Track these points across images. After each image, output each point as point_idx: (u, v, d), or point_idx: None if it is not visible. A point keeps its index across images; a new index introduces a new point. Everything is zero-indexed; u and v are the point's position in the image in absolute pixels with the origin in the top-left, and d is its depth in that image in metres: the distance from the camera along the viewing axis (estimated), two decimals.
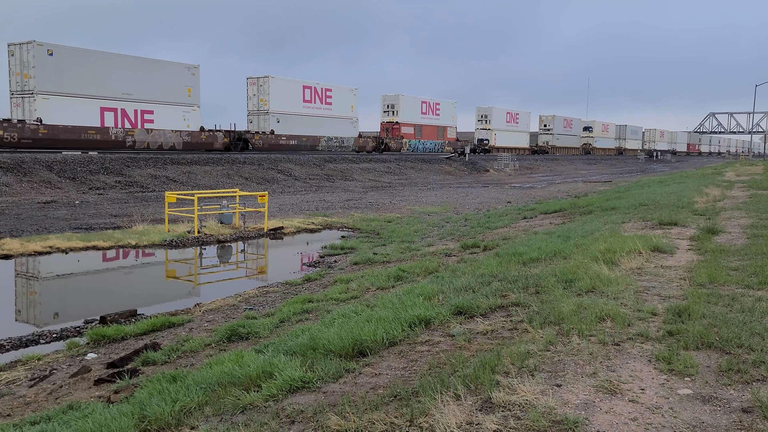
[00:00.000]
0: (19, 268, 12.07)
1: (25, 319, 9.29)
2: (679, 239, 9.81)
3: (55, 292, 11.05)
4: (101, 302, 9.92)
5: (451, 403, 3.57)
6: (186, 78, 39.17)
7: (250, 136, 42.95)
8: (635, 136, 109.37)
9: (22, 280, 11.66)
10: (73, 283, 11.72)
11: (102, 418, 4.19)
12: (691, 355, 4.29)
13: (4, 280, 11.62)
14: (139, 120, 36.58)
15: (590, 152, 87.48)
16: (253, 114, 45.60)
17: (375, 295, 8.36)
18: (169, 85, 38.01)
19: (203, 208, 17.17)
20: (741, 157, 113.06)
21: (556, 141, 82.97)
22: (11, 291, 10.93)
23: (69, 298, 10.70)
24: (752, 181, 26.44)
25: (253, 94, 45.24)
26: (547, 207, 20.07)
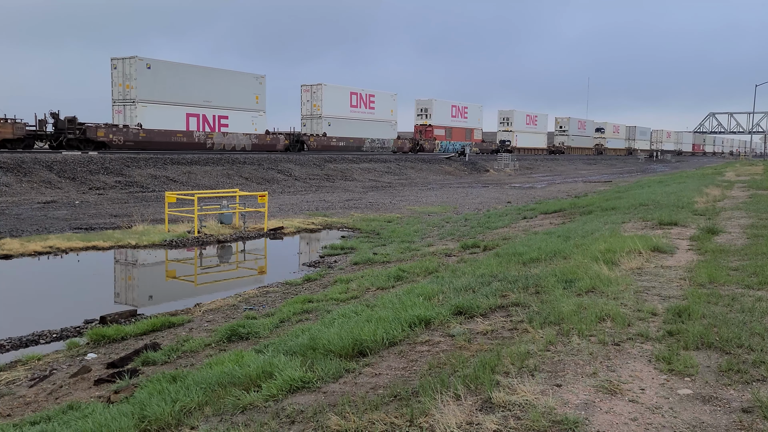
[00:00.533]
0: (19, 268, 12.07)
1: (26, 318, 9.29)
2: (679, 239, 9.81)
3: (55, 292, 11.05)
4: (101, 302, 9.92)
5: (451, 403, 3.57)
6: (255, 86, 43.79)
7: (306, 138, 47.28)
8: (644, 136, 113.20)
9: (22, 280, 11.66)
10: (73, 283, 11.72)
11: (102, 418, 4.19)
12: (691, 355, 4.29)
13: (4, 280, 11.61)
14: (216, 124, 41.38)
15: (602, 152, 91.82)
16: (307, 118, 50.09)
17: (375, 295, 8.36)
18: (241, 93, 42.55)
19: (203, 208, 17.17)
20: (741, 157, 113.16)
21: (571, 142, 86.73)
22: (11, 291, 10.93)
23: (69, 298, 10.70)
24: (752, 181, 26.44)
25: (307, 100, 49.77)
26: (547, 207, 20.07)
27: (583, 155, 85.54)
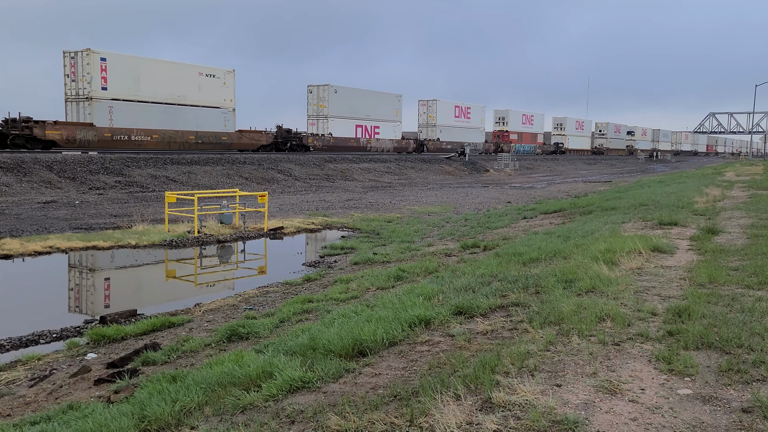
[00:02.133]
0: (19, 268, 12.07)
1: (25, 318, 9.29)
2: (679, 239, 9.81)
3: (55, 292, 11.05)
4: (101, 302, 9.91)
5: (451, 403, 3.57)
6: (395, 103, 57.65)
7: (427, 142, 60.53)
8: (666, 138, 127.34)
9: (22, 280, 11.66)
10: (73, 283, 11.72)
11: (102, 418, 4.19)
12: (691, 355, 4.29)
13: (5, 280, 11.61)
14: (372, 132, 55.08)
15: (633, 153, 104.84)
16: (423, 126, 63.66)
17: (375, 295, 8.36)
18: (387, 108, 56.61)
19: (203, 208, 17.17)
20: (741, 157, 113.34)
21: (609, 144, 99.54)
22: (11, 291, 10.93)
23: (69, 297, 10.70)
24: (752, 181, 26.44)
25: (423, 112, 63.22)
26: (547, 207, 20.07)
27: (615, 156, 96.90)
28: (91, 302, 10.25)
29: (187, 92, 38.25)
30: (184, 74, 38.33)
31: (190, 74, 38.64)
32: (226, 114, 40.98)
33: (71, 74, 33.52)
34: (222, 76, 40.62)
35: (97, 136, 33.00)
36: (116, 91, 34.24)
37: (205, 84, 39.32)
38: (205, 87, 39.28)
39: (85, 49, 33.17)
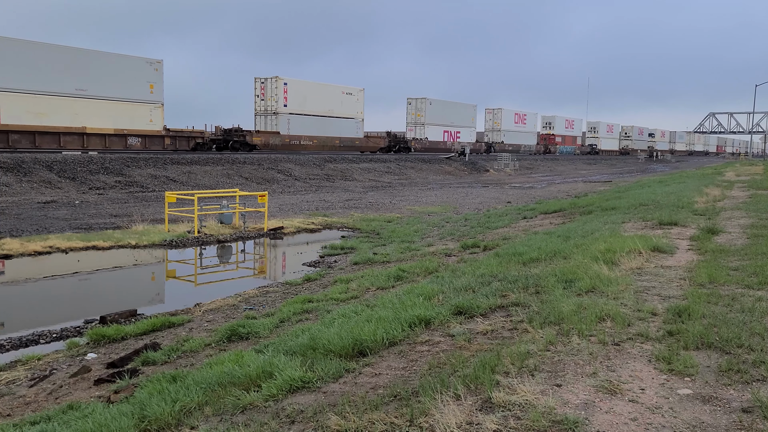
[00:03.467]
0: (19, 268, 12.07)
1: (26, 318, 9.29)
2: (679, 239, 9.81)
3: (55, 292, 11.05)
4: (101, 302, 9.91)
5: (451, 403, 3.57)
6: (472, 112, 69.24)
7: (493, 144, 70.85)
8: (681, 140, 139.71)
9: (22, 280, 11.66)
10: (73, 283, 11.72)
11: (102, 418, 4.19)
12: (691, 355, 4.29)
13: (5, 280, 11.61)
14: (454, 136, 65.83)
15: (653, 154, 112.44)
16: (489, 130, 74.58)
17: (375, 295, 8.36)
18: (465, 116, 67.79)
19: (203, 208, 17.17)
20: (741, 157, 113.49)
21: (633, 145, 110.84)
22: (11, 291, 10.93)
23: (69, 297, 10.70)
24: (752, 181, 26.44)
25: (490, 119, 74.37)
26: (547, 207, 20.07)
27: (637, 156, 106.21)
28: (91, 302, 10.25)
29: (334, 107, 49.59)
30: (332, 93, 49.74)
31: (336, 93, 50.13)
32: (358, 123, 52.56)
33: (261, 94, 45.93)
34: (356, 94, 52.18)
35: (281, 141, 44.67)
36: (292, 107, 46.06)
37: (345, 100, 50.79)
38: (344, 103, 50.74)
39: (273, 76, 45.44)
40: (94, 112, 33.42)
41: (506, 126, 74.63)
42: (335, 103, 49.61)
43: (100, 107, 33.69)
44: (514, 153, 68.15)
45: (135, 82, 35.55)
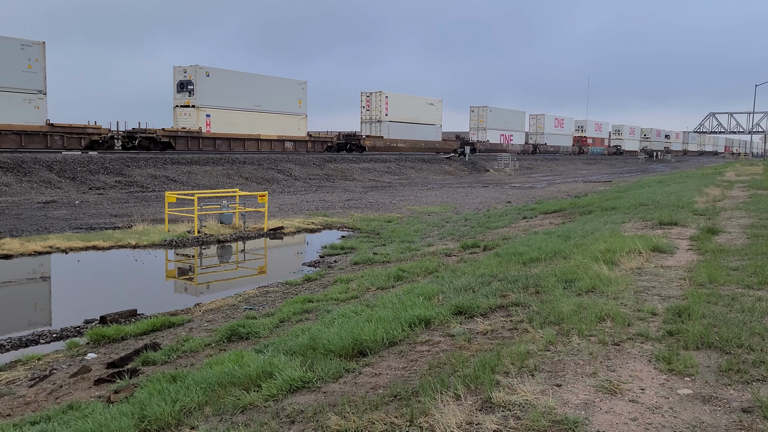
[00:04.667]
0: (19, 268, 12.07)
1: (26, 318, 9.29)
2: (679, 239, 9.81)
3: (55, 292, 11.05)
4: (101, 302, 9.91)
5: (451, 403, 3.57)
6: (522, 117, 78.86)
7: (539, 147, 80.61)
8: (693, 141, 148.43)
9: (23, 280, 11.66)
10: (73, 283, 11.72)
11: (102, 418, 4.19)
12: (691, 355, 4.29)
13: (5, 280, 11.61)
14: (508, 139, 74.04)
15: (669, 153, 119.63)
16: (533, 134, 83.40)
17: (375, 295, 8.36)
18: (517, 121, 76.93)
19: (203, 208, 17.17)
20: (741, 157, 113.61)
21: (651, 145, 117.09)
22: (11, 291, 10.93)
23: (69, 298, 10.70)
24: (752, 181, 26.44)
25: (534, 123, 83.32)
26: (547, 207, 20.07)
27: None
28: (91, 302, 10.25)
29: (420, 115, 59.48)
30: (419, 104, 59.93)
31: (422, 103, 60.38)
32: (437, 128, 62.87)
33: (366, 105, 55.54)
34: (436, 104, 62.30)
35: (384, 143, 54.29)
36: (391, 116, 55.47)
37: (428, 109, 60.99)
38: (428, 111, 60.94)
39: (377, 91, 55.07)
40: (265, 122, 43.72)
41: (548, 130, 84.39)
42: (421, 112, 59.96)
43: (268, 119, 43.93)
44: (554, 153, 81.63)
45: (289, 99, 45.77)
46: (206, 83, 39.74)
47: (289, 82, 46.48)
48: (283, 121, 45.29)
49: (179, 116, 40.06)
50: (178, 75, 39.79)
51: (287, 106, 45.44)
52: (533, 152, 77.83)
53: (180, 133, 38.90)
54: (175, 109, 40.24)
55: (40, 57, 32.40)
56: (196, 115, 39.52)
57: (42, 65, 32.43)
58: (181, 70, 39.78)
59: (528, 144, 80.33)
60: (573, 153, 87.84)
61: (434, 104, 62.26)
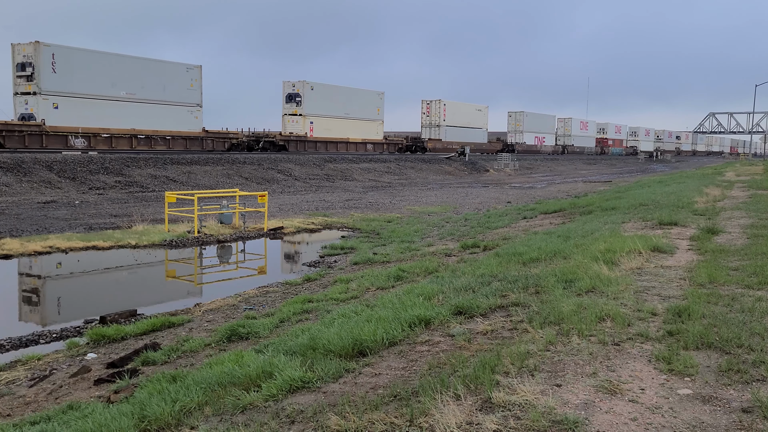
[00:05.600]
0: (19, 268, 12.07)
1: (26, 318, 9.29)
2: (679, 239, 9.81)
3: (55, 292, 11.05)
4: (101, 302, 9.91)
5: (451, 403, 3.57)
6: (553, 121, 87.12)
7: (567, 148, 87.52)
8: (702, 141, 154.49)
9: (22, 280, 11.66)
10: (73, 283, 11.72)
11: (102, 418, 4.19)
12: (691, 355, 4.29)
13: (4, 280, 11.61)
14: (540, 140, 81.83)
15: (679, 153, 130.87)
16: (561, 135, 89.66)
17: (375, 295, 8.36)
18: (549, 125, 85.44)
19: (203, 208, 17.17)
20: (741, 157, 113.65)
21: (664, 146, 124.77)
22: (11, 291, 10.93)
23: (69, 298, 10.71)
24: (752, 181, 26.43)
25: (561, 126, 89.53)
26: (547, 207, 20.07)
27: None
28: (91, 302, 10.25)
29: (470, 120, 68.02)
30: (470, 110, 68.75)
31: (472, 110, 69.21)
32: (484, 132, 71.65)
33: (426, 112, 63.90)
34: (483, 110, 71.48)
35: (442, 145, 61.27)
36: (448, 121, 64.05)
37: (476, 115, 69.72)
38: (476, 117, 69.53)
39: (437, 99, 63.58)
40: (352, 128, 51.76)
41: (574, 132, 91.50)
42: (471, 117, 68.54)
43: (355, 125, 52.05)
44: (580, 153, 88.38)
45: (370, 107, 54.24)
46: (310, 95, 47.50)
47: (371, 93, 55.21)
48: (366, 126, 53.88)
49: (288, 123, 47.57)
50: (287, 88, 47.80)
51: (368, 113, 54.16)
52: (562, 152, 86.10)
53: (292, 138, 46.20)
54: (284, 117, 47.98)
55: (198, 77, 40.22)
56: (302, 122, 47.24)
57: (199, 83, 40.35)
58: (290, 84, 47.67)
59: (557, 145, 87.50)
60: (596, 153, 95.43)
61: (481, 110, 71.64)
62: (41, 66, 31.83)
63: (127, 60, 36.35)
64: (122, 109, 35.67)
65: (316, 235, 16.93)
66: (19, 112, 32.60)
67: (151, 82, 37.11)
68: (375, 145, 54.62)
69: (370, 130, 54.60)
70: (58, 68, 32.44)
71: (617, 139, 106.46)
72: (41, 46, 31.91)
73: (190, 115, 39.69)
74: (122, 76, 35.41)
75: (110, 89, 34.96)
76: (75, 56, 33.38)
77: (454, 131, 64.50)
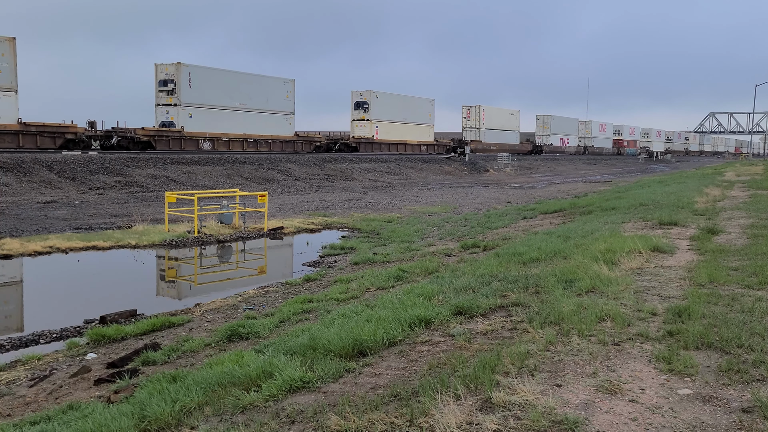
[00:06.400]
0: (20, 268, 12.07)
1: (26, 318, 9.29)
2: (679, 239, 9.81)
3: (55, 292, 11.05)
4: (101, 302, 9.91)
5: (451, 403, 3.57)
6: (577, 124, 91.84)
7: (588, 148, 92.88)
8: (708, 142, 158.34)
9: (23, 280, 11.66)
10: (73, 283, 11.72)
11: (102, 418, 4.19)
12: (691, 355, 4.29)
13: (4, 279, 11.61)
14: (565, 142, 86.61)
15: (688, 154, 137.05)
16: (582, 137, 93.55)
17: (375, 295, 8.36)
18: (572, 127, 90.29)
19: (203, 208, 17.17)
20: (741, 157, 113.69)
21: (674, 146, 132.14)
22: (11, 291, 10.93)
23: (69, 298, 10.70)
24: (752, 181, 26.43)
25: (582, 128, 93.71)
26: (547, 207, 20.07)
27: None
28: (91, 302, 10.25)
29: (505, 123, 73.55)
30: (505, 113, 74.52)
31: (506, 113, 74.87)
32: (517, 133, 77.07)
33: (467, 116, 69.95)
34: (515, 114, 76.81)
35: (482, 146, 66.58)
36: (487, 124, 69.65)
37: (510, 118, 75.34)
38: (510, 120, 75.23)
39: (476, 105, 69.72)
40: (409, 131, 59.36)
41: (594, 134, 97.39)
42: (505, 120, 74.30)
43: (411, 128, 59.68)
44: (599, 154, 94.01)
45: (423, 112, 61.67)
46: (376, 102, 54.71)
47: (424, 100, 62.56)
48: (420, 130, 61.43)
49: (356, 127, 54.60)
50: (355, 97, 54.67)
51: (422, 118, 61.64)
52: (583, 153, 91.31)
53: (362, 140, 53.19)
54: (353, 122, 54.92)
55: (292, 90, 47.73)
56: (369, 127, 54.42)
57: (293, 95, 47.69)
58: (358, 93, 54.44)
59: (579, 146, 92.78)
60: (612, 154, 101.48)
61: (514, 114, 77.13)
62: (180, 82, 39.39)
63: (240, 76, 44.12)
64: (236, 117, 43.20)
65: (316, 235, 16.93)
66: (160, 120, 39.88)
67: (257, 94, 44.54)
68: (427, 147, 61.90)
69: (423, 133, 62.19)
70: (192, 84, 40.13)
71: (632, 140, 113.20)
72: (181, 66, 39.67)
73: (285, 121, 47.31)
74: (236, 90, 42.97)
75: (228, 101, 42.48)
76: (204, 74, 41.07)
77: (492, 133, 71.02)
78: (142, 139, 37.37)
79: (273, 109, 45.81)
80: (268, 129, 45.70)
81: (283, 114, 47.04)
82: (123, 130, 37.10)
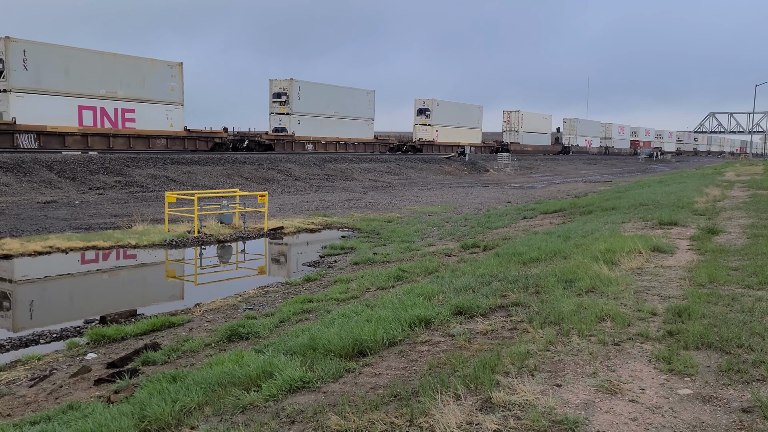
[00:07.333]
0: (20, 268, 12.07)
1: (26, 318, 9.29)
2: (679, 239, 9.81)
3: (55, 292, 11.05)
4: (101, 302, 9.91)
5: (451, 403, 3.57)
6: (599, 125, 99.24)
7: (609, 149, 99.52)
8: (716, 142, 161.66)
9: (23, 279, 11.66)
10: (73, 283, 11.72)
11: (102, 418, 4.19)
12: (691, 355, 4.29)
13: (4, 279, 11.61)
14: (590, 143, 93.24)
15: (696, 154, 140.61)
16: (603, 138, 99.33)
17: (375, 295, 8.36)
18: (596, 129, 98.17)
19: (203, 208, 17.17)
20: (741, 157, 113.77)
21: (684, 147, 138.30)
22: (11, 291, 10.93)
23: (69, 298, 10.70)
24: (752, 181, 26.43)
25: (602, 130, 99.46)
26: (547, 207, 20.07)
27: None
28: (91, 302, 10.25)
29: (540, 126, 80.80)
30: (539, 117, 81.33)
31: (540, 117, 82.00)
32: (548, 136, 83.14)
33: (507, 120, 77.53)
34: (548, 117, 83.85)
35: (520, 147, 73.54)
36: (525, 128, 77.06)
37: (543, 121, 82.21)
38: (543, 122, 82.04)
39: (516, 110, 76.96)
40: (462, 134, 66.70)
41: (614, 135, 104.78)
42: (539, 123, 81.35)
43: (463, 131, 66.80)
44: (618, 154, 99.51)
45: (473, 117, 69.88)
46: (437, 109, 62.94)
47: (472, 106, 70.90)
48: (470, 132, 69.13)
49: (418, 131, 62.84)
50: (418, 104, 62.68)
51: (472, 122, 69.72)
52: (605, 153, 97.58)
53: (424, 142, 61.49)
54: (415, 126, 63.14)
55: (372, 99, 56.10)
56: (430, 131, 62.71)
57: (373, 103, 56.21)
58: (421, 101, 62.51)
59: (602, 147, 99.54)
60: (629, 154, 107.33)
61: (547, 118, 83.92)
62: (292, 95, 47.88)
63: (334, 89, 52.31)
64: (330, 124, 51.26)
65: (316, 235, 16.93)
66: (273, 126, 48.20)
67: (347, 103, 52.66)
68: (476, 148, 68.62)
69: (473, 135, 70.19)
70: (301, 96, 48.44)
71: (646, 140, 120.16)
72: (294, 82, 48.00)
73: (367, 126, 55.65)
74: (331, 100, 51.12)
75: (326, 109, 50.72)
76: (310, 87, 49.35)
77: (528, 136, 78.55)
78: (266, 142, 44.94)
79: (358, 115, 54.18)
80: (355, 133, 54.05)
81: (365, 120, 55.38)
82: (253, 135, 44.69)
